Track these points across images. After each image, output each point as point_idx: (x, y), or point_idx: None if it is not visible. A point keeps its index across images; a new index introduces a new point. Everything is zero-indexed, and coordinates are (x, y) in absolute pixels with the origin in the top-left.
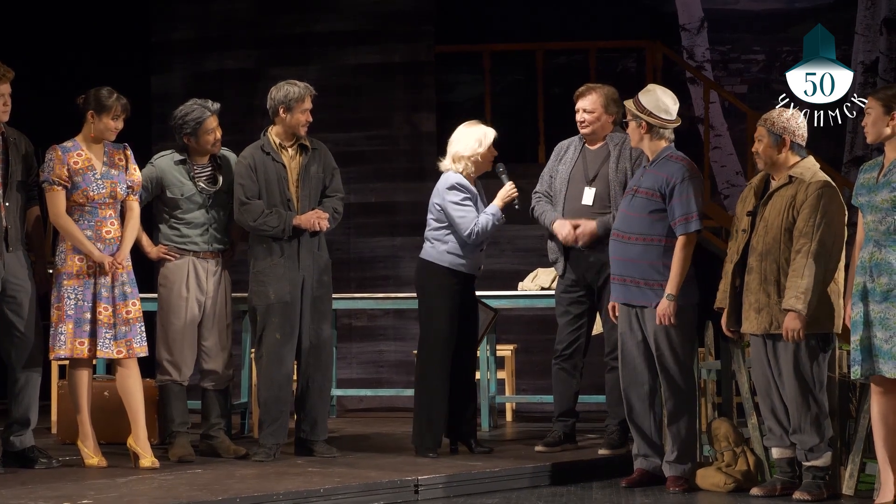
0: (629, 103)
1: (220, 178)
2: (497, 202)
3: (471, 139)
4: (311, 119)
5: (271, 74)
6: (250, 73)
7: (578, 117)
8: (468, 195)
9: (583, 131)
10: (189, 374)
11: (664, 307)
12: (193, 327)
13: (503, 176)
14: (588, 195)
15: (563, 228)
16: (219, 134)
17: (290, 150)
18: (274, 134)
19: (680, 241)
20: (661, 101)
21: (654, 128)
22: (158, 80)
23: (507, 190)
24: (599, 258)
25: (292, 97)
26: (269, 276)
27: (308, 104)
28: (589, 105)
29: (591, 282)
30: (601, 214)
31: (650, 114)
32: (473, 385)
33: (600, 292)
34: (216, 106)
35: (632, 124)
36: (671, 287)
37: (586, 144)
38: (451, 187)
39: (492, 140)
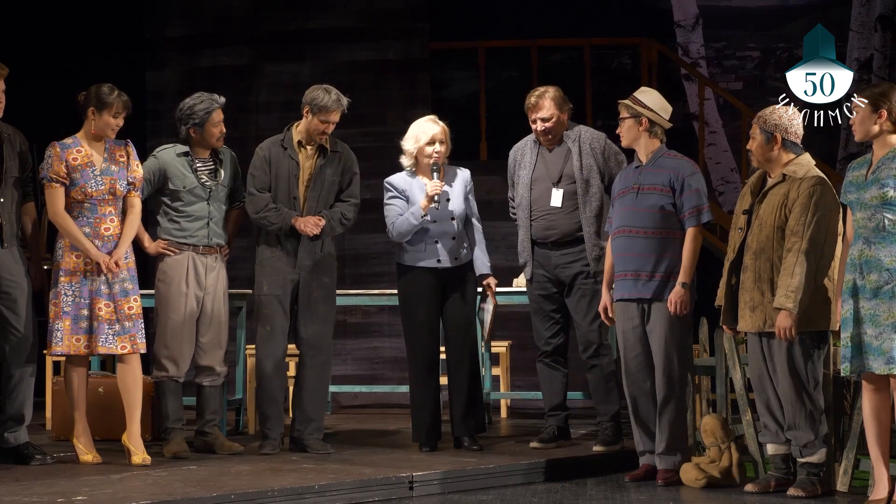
0: (625, 102)
1: (222, 172)
2: (422, 201)
3: (410, 135)
4: (330, 130)
5: (265, 71)
6: (244, 69)
7: (538, 127)
8: (394, 194)
9: (545, 139)
10: (186, 370)
11: (679, 294)
12: (192, 323)
13: (434, 174)
14: (556, 197)
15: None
16: (223, 129)
17: (308, 149)
18: (296, 130)
19: (691, 231)
20: (660, 100)
21: (654, 126)
22: (152, 77)
23: (428, 187)
24: (567, 256)
25: (318, 104)
26: (266, 268)
27: (334, 118)
28: (546, 113)
29: (561, 278)
30: (571, 213)
31: (652, 110)
32: (462, 380)
33: (569, 290)
34: (222, 100)
35: (628, 122)
36: (685, 276)
37: (542, 145)
38: (385, 185)
39: (426, 140)
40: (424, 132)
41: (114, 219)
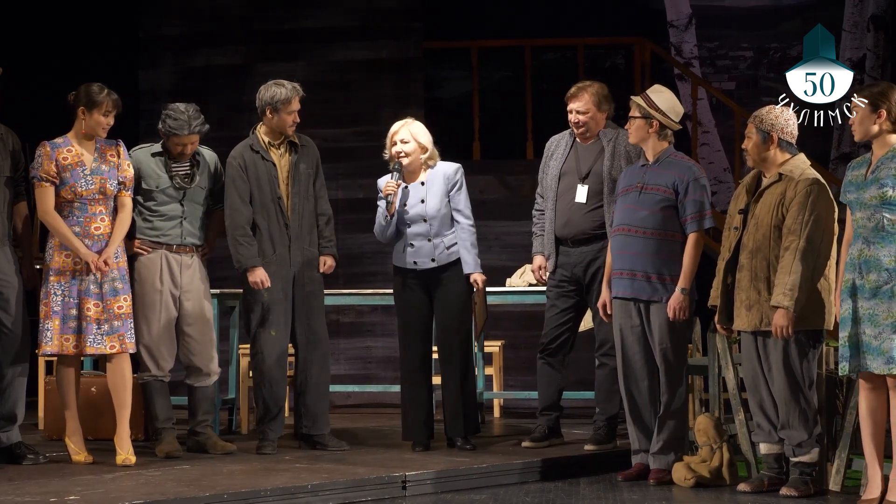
0: (638, 100)
1: (197, 177)
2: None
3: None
4: (298, 120)
5: (260, 70)
6: (238, 68)
7: (572, 118)
8: (381, 195)
9: (578, 132)
10: (169, 368)
11: (679, 300)
12: (170, 322)
13: (394, 175)
14: (581, 193)
15: (534, 264)
16: (188, 151)
17: (279, 147)
18: (262, 132)
19: (693, 237)
20: (673, 102)
21: (664, 129)
22: (146, 76)
23: (384, 186)
24: (585, 254)
25: (279, 99)
26: None
27: (295, 105)
28: (582, 106)
29: (579, 277)
30: (594, 210)
31: (664, 114)
32: (453, 380)
33: (588, 288)
34: (199, 128)
35: (639, 122)
36: (685, 281)
37: (577, 140)
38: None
39: (389, 142)
40: (389, 134)
41: (104, 218)
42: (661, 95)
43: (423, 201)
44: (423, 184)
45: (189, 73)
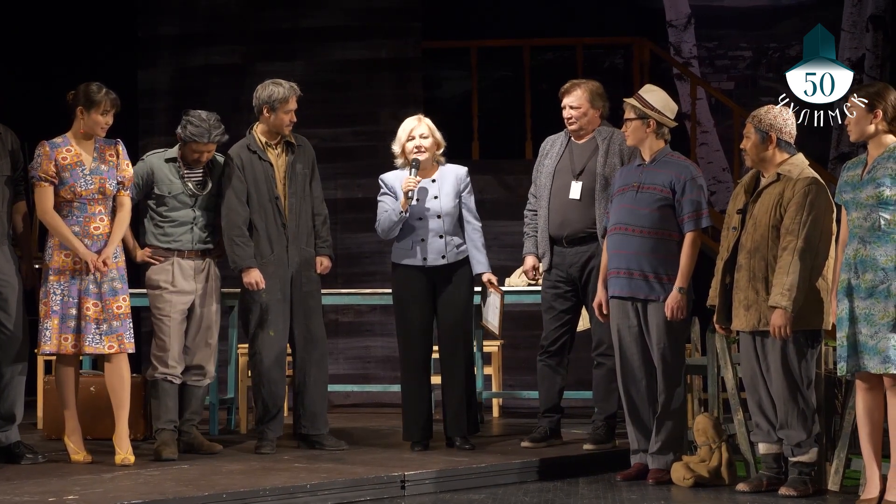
0: (632, 101)
1: (210, 183)
2: (402, 198)
3: (396, 136)
4: (295, 119)
5: (258, 70)
6: (237, 68)
7: (565, 114)
8: (384, 190)
9: (570, 128)
10: (180, 370)
11: (677, 299)
12: (181, 324)
13: (412, 171)
14: (575, 189)
15: (526, 265)
16: (203, 159)
17: (276, 147)
18: (259, 132)
19: (690, 236)
20: (666, 99)
21: (661, 128)
22: (145, 75)
23: (404, 182)
24: (581, 253)
25: (276, 98)
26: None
27: (292, 105)
28: (574, 101)
29: (574, 277)
30: (589, 208)
31: (660, 112)
32: (455, 380)
33: (584, 287)
34: (218, 137)
35: (636, 123)
36: (682, 281)
37: (573, 139)
38: (379, 182)
39: (406, 137)
40: (404, 129)
41: (104, 218)
42: (653, 94)
43: (436, 197)
44: (434, 180)
45: (187, 72)
